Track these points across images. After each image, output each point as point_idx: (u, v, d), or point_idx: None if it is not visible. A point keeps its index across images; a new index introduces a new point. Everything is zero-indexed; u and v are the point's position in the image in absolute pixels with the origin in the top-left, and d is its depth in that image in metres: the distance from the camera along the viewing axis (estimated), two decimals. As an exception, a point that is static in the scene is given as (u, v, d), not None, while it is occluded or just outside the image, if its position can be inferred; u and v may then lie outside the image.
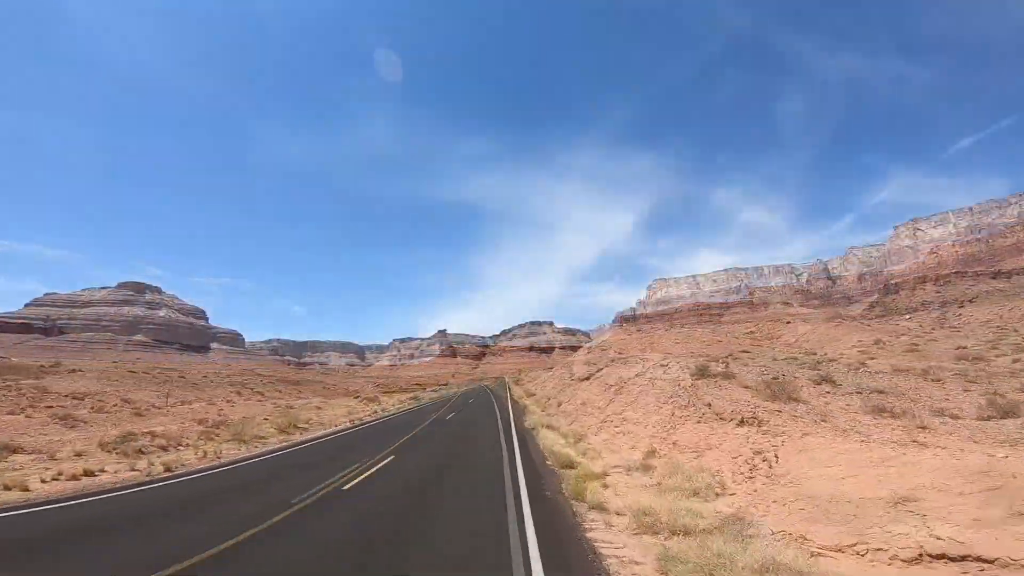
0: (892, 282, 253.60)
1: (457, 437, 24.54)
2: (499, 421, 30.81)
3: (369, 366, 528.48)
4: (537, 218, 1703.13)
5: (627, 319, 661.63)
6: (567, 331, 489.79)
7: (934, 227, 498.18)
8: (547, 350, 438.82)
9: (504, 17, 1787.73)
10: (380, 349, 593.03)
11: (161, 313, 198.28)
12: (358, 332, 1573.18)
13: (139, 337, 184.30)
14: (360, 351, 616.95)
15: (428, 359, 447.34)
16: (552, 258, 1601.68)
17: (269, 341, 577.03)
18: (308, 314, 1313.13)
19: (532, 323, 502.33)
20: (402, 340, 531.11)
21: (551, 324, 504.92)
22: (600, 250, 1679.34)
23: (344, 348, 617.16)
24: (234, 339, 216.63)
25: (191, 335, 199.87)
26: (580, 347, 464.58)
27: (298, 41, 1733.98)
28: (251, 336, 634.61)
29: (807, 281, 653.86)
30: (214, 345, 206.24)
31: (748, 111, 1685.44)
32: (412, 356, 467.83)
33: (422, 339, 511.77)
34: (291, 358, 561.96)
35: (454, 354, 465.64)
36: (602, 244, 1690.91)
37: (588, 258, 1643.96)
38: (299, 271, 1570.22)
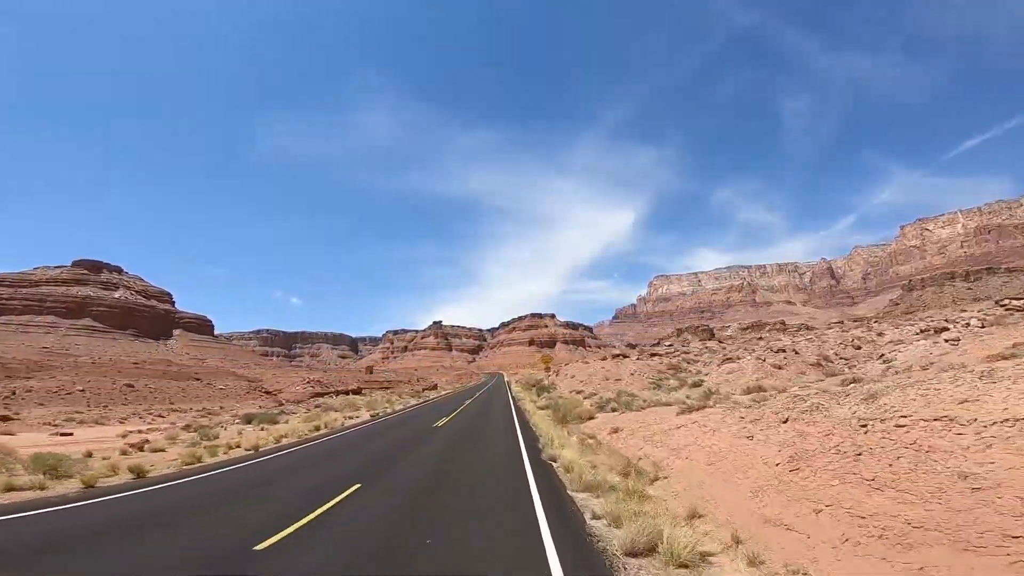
0: (917, 277, 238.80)
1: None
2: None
3: (362, 359, 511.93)
4: (537, 214, 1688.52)
5: (627, 315, 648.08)
6: (570, 325, 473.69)
7: (942, 227, 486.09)
8: (549, 344, 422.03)
9: (506, 11, 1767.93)
10: (374, 342, 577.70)
11: (116, 295, 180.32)
12: (357, 326, 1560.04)
13: (86, 321, 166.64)
14: (353, 343, 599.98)
15: (422, 352, 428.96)
16: (552, 254, 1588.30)
17: (259, 331, 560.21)
18: (306, 306, 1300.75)
19: (533, 315, 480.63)
20: (395, 332, 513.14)
21: (553, 317, 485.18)
22: (600, 247, 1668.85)
23: (336, 340, 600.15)
24: (201, 326, 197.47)
25: (149, 320, 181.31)
26: (583, 342, 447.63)
27: (300, 33, 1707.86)
28: (242, 326, 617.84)
29: (810, 280, 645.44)
30: (177, 332, 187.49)
31: (750, 109, 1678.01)
32: (406, 349, 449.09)
33: (416, 331, 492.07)
34: (280, 349, 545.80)
35: (449, 347, 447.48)
36: (602, 240, 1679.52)
37: (588, 254, 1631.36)
38: (298, 264, 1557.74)
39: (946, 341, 25.72)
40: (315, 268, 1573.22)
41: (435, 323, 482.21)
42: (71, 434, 35.04)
